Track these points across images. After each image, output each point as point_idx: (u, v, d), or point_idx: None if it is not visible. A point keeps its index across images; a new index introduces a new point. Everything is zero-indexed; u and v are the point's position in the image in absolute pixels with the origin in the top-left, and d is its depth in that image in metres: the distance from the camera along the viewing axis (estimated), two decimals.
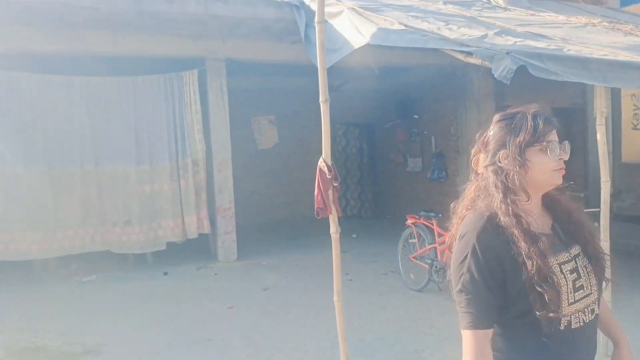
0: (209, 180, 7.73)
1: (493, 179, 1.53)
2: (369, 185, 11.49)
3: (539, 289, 1.38)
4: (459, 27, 5.19)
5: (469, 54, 4.15)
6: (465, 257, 1.45)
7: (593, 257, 1.56)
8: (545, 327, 1.41)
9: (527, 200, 1.52)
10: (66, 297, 6.17)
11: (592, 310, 1.52)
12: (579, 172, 8.89)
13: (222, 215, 7.70)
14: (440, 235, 5.67)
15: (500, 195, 1.50)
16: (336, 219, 2.83)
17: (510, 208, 1.47)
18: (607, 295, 3.97)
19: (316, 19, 2.93)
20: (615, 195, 7.85)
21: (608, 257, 1.63)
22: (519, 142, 1.51)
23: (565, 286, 1.45)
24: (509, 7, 7.04)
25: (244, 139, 10.35)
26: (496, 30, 5.03)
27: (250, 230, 9.38)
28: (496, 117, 1.60)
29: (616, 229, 6.39)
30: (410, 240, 6.17)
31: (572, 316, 1.46)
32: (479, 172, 1.61)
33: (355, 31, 5.29)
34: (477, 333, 1.43)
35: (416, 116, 9.43)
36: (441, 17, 5.75)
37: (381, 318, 5.16)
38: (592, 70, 3.73)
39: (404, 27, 5.07)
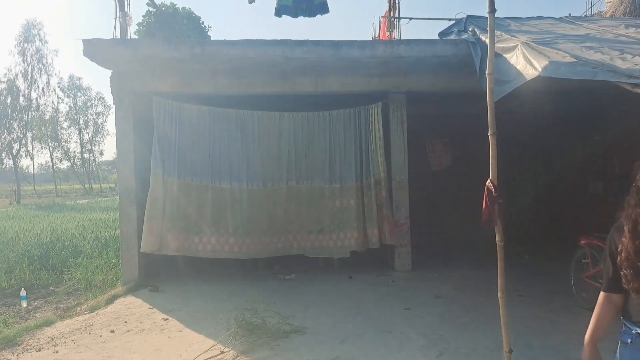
0: (389, 197, 8.72)
1: (634, 196, 2.17)
2: (545, 207, 11.44)
3: (624, 271, 2.12)
4: (633, 57, 5.36)
5: (637, 85, 4.40)
6: (604, 249, 2.30)
7: None
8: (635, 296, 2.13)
9: None
10: (275, 289, 7.62)
11: None
12: None
13: (399, 229, 8.60)
14: None
15: (632, 207, 2.16)
16: (501, 229, 3.49)
17: (632, 214, 2.14)
18: None
19: (487, 71, 3.66)
20: None
21: None
22: None
23: None
24: None
25: (419, 161, 11.18)
26: None
27: (424, 245, 10.13)
28: None
29: None
30: (583, 261, 6.34)
31: None
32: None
33: (528, 64, 5.79)
34: (603, 295, 2.29)
35: (597, 138, 9.31)
36: (617, 46, 5.93)
37: (548, 330, 5.52)
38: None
39: (574, 60, 5.44)
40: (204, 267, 8.77)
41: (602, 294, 2.31)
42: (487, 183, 3.51)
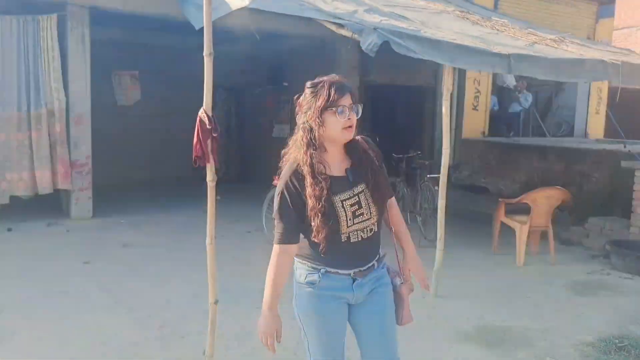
0: (66, 133, 7.27)
1: (301, 135, 2.02)
2: (235, 149, 11.56)
3: (317, 219, 1.96)
4: (332, 1, 5.50)
5: (341, 26, 4.46)
6: (279, 194, 2.01)
7: (374, 190, 2.07)
8: (329, 240, 1.98)
9: (325, 152, 2.03)
10: None
11: (371, 230, 2.08)
12: (427, 143, 9.89)
13: (77, 170, 7.31)
14: None
15: (304, 148, 1.99)
16: (213, 167, 2.96)
17: (308, 159, 1.98)
18: (440, 244, 4.64)
19: None
20: (454, 167, 8.92)
21: (389, 190, 2.22)
22: (318, 106, 1.97)
23: (344, 215, 2.01)
24: None
25: (104, 94, 9.80)
26: (365, 8, 5.43)
27: (108, 189, 9.01)
28: (307, 84, 2.05)
29: (454, 196, 7.34)
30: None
31: (350, 234, 2.03)
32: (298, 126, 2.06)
33: None
34: (280, 247, 2.03)
35: (286, 84, 9.67)
36: None
37: (244, 271, 5.39)
38: (443, 51, 4.26)
39: None
40: None
41: (278, 247, 2.04)
42: (199, 113, 2.90)
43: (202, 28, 2.95)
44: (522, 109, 11.21)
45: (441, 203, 4.68)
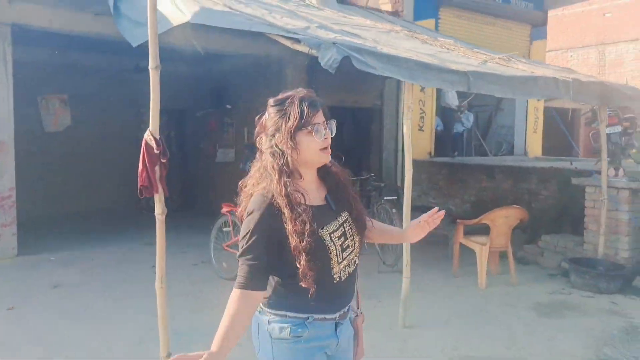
0: None
1: (270, 161, 1.70)
2: (177, 176, 10.95)
3: (302, 259, 1.64)
4: (282, 17, 5.23)
5: (297, 41, 4.18)
6: (249, 233, 1.66)
7: (357, 218, 1.83)
8: (318, 282, 1.67)
9: (301, 179, 1.73)
10: None
11: (354, 262, 1.83)
12: (376, 164, 9.74)
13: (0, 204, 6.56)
14: None
15: (277, 176, 1.68)
16: (162, 198, 2.56)
17: (283, 189, 1.66)
18: (406, 271, 4.38)
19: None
20: (402, 188, 8.78)
21: (367, 214, 1.92)
22: (289, 127, 1.68)
23: (334, 250, 1.73)
24: (322, 7, 7.37)
25: (30, 119, 9.03)
26: (316, 25, 5.19)
27: (35, 223, 8.22)
28: (270, 101, 1.76)
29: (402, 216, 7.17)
30: (224, 229, 6.02)
31: (341, 272, 1.76)
32: (263, 151, 1.75)
33: (174, 7, 4.95)
34: (242, 292, 1.66)
35: (229, 106, 9.28)
36: (264, 6, 5.73)
37: (194, 308, 4.92)
38: (402, 68, 4.07)
39: (228, 9, 4.92)
40: None
41: (239, 292, 1.67)
42: (145, 136, 2.50)
43: (140, 45, 2.56)
44: (464, 129, 11.34)
45: (405, 227, 4.43)
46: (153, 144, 2.42)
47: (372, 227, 1.93)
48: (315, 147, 1.71)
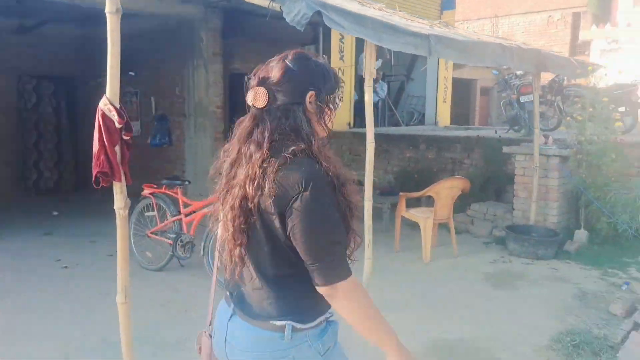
0: None
1: (303, 120, 1.40)
2: (69, 152, 9.67)
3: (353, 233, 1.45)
4: None
5: None
6: (328, 207, 1.34)
7: None
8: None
9: (328, 144, 1.47)
10: None
11: None
12: None
13: None
14: (186, 205, 4.98)
15: (313, 139, 1.39)
16: (125, 187, 1.94)
17: (324, 152, 1.40)
18: (368, 252, 4.05)
19: None
20: None
21: None
22: (329, 87, 1.46)
23: None
24: None
25: None
26: None
27: None
28: (299, 54, 1.45)
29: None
30: (147, 214, 5.28)
31: None
32: (258, 107, 1.42)
33: None
34: (356, 278, 1.40)
35: (132, 73, 8.25)
36: None
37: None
38: (369, 28, 3.65)
39: None
40: None
41: (355, 279, 1.40)
42: (100, 105, 1.85)
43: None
44: (379, 99, 11.23)
45: (367, 205, 4.09)
46: (114, 115, 1.77)
47: None
48: (333, 113, 1.50)
